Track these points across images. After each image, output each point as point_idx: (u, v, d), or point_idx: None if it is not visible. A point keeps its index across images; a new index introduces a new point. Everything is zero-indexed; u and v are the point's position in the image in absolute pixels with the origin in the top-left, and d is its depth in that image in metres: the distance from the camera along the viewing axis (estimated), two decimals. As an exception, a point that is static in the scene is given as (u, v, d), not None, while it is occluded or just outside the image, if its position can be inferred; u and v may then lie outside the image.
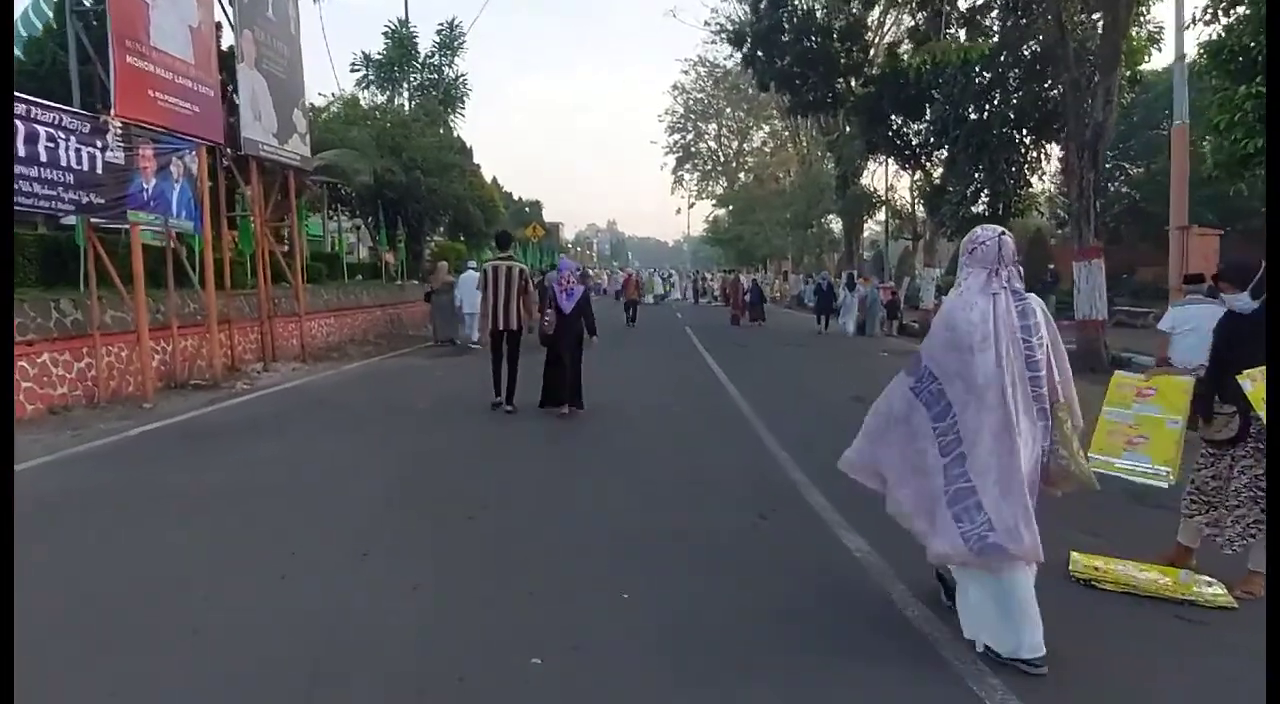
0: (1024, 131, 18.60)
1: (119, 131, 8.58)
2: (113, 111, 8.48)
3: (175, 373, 10.30)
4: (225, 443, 7.10)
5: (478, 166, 31.32)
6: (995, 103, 18.34)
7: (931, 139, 19.71)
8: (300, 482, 5.81)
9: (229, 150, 11.56)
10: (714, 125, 57.37)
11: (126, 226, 9.23)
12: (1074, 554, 4.09)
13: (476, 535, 4.61)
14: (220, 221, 11.77)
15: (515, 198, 48.91)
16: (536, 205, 50.82)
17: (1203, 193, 17.57)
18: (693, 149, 57.51)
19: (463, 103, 26.14)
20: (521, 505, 5.23)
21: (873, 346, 17.68)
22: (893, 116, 21.97)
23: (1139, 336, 15.15)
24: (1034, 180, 18.96)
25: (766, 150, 56.51)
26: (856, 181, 32.08)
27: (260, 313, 12.15)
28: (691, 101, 55.34)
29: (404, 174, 19.51)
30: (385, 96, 24.90)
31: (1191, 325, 5.11)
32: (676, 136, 56.21)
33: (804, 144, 42.53)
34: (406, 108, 24.90)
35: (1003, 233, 3.12)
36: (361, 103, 22.96)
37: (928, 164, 23.04)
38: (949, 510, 3.01)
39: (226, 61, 11.46)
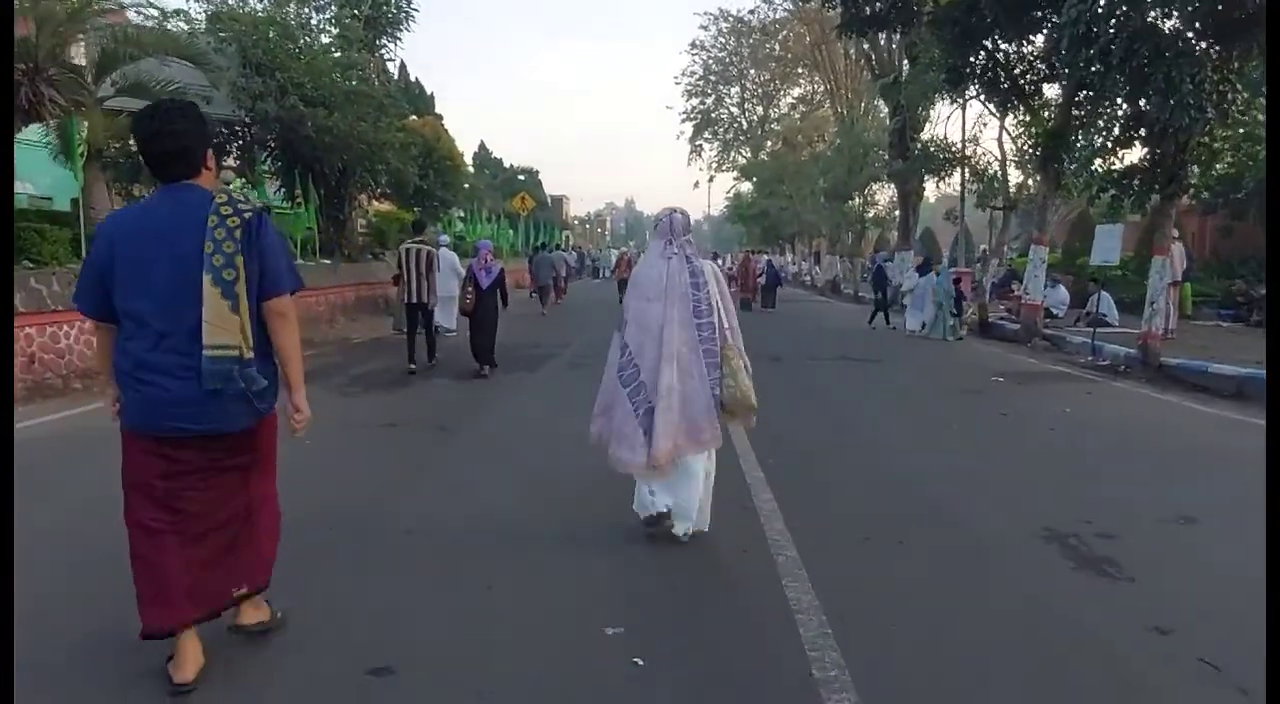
0: (1211, 40, 11.93)
1: None
2: None
3: None
4: None
5: (439, 117, 25.06)
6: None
7: (1064, 52, 13.01)
8: None
9: None
10: (736, 88, 50.47)
11: None
12: None
13: None
14: None
15: (507, 165, 42.64)
16: (532, 174, 44.29)
17: None
18: (713, 115, 50.59)
19: (403, 26, 19.80)
20: None
21: (964, 362, 11.44)
22: (993, 32, 15.38)
23: None
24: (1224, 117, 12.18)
25: (795, 115, 49.63)
26: (916, 137, 25.43)
27: None
28: (712, 61, 48.43)
29: (275, 104, 13.23)
30: (297, 16, 18.56)
31: None
32: (695, 101, 49.31)
33: (846, 97, 35.78)
34: (327, 33, 18.58)
35: (674, 211, 3.98)
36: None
37: (1036, 101, 16.46)
38: (641, 428, 3.75)
39: None
